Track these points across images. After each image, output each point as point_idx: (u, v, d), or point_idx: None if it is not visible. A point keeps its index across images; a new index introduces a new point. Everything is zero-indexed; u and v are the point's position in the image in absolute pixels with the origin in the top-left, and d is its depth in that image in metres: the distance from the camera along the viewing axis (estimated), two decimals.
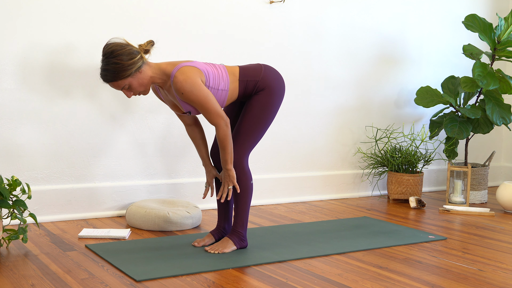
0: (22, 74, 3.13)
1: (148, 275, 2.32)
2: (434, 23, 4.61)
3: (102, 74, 2.53)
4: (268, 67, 2.76)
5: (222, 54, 3.69)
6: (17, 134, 3.14)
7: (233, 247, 2.72)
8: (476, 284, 2.37)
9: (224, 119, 2.56)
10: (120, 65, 2.48)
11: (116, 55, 2.48)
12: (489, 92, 4.11)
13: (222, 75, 2.65)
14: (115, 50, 2.49)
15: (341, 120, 4.24)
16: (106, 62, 2.51)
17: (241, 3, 3.74)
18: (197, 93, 2.52)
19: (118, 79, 2.51)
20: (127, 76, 2.51)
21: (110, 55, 2.49)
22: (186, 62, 2.60)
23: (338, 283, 2.32)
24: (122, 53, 2.49)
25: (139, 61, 2.52)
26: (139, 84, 2.56)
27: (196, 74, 2.54)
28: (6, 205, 2.52)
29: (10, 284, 2.20)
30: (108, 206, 3.40)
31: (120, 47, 2.50)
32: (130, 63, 2.49)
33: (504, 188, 3.91)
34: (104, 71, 2.51)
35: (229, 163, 2.62)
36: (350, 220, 3.48)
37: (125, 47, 2.51)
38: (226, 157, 2.61)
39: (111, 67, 2.49)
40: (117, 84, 2.53)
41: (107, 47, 2.52)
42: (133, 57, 2.51)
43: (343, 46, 4.18)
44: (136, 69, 2.51)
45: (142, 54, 2.55)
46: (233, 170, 2.63)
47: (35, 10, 3.12)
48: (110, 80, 2.52)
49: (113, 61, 2.48)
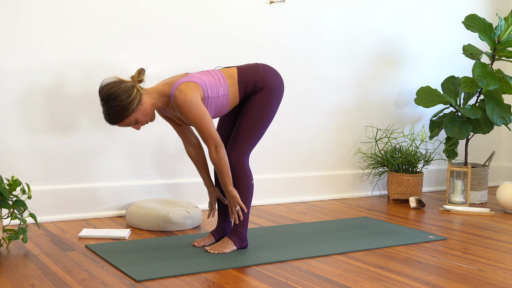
0: (22, 74, 3.13)
1: (148, 275, 2.32)
2: (434, 23, 4.61)
3: (107, 118, 2.54)
4: (266, 66, 2.75)
5: (222, 54, 3.69)
6: (17, 134, 3.14)
7: (233, 247, 2.72)
8: (476, 284, 2.37)
9: (215, 143, 2.54)
10: (121, 106, 2.49)
11: (114, 97, 2.48)
12: (489, 92, 4.11)
13: (219, 81, 2.63)
14: (112, 93, 2.49)
15: (341, 120, 4.24)
16: (106, 106, 2.51)
17: (241, 3, 3.74)
18: (194, 113, 2.51)
19: (123, 119, 2.53)
20: (130, 113, 2.52)
21: (108, 99, 2.49)
22: (182, 77, 2.58)
23: (338, 283, 2.32)
24: (119, 93, 2.48)
25: (137, 95, 2.52)
26: (144, 115, 2.57)
27: (194, 91, 2.53)
28: (6, 205, 2.52)
29: (10, 284, 2.20)
30: (108, 206, 3.40)
31: (115, 88, 2.49)
32: (129, 101, 2.49)
33: (504, 188, 3.91)
34: (108, 115, 2.53)
35: (228, 185, 2.61)
36: (350, 220, 3.48)
37: (120, 86, 2.50)
38: (224, 179, 2.60)
39: (113, 110, 2.50)
40: (124, 123, 2.56)
41: (103, 91, 2.51)
42: (131, 93, 2.50)
43: (343, 46, 4.18)
44: (137, 104, 2.52)
45: (137, 86, 2.54)
46: (234, 191, 2.62)
47: (36, 9, 3.12)
48: (116, 122, 2.54)
49: (113, 104, 2.49)
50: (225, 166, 2.58)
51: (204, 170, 2.82)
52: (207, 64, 3.64)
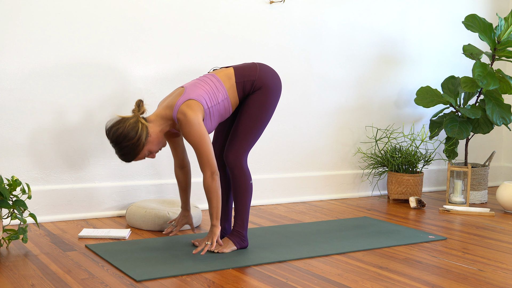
0: (22, 74, 3.13)
1: (148, 275, 2.32)
2: (434, 23, 4.61)
3: (122, 158, 2.58)
4: (263, 66, 2.75)
5: (222, 54, 3.69)
6: (17, 134, 3.14)
7: (233, 247, 2.72)
8: (476, 284, 2.37)
9: (211, 169, 2.52)
10: (131, 144, 2.51)
11: (123, 138, 2.51)
12: (489, 92, 4.11)
13: (216, 87, 2.62)
14: (119, 135, 2.51)
15: (341, 120, 4.24)
16: (118, 148, 2.55)
17: (241, 3, 3.74)
18: (194, 133, 2.51)
19: (137, 155, 2.56)
20: (142, 148, 2.54)
21: (118, 141, 2.53)
22: (180, 96, 2.58)
23: (338, 283, 2.32)
24: (127, 133, 2.51)
25: (143, 128, 2.54)
26: (155, 144, 2.60)
27: (195, 110, 2.53)
28: (6, 205, 2.52)
29: (10, 284, 2.20)
30: (108, 206, 3.40)
31: (121, 128, 2.52)
32: (138, 137, 2.52)
33: (504, 188, 3.91)
34: (122, 156, 2.56)
35: (215, 219, 2.55)
36: (350, 220, 3.48)
37: (125, 125, 2.52)
38: (212, 211, 2.55)
39: (125, 150, 2.53)
40: (139, 158, 2.59)
41: (110, 134, 2.54)
42: (137, 129, 2.52)
43: (343, 46, 4.18)
44: (145, 137, 2.54)
45: (140, 120, 2.55)
46: (218, 227, 2.56)
47: (35, 9, 3.12)
48: (131, 160, 2.58)
49: (124, 145, 2.52)
50: (216, 195, 2.53)
51: (186, 193, 2.86)
52: (207, 64, 3.64)
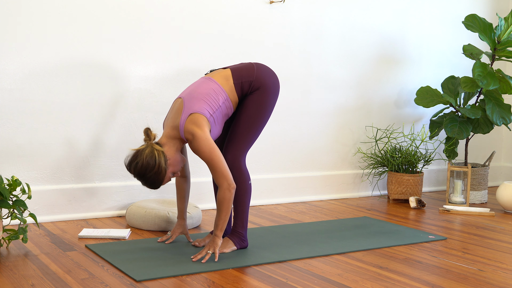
0: (22, 74, 3.13)
1: (148, 275, 2.32)
2: (434, 23, 4.61)
3: (150, 188, 2.62)
4: (260, 66, 2.74)
5: (222, 54, 3.69)
6: (17, 134, 3.14)
7: (233, 247, 2.72)
8: (476, 284, 2.37)
9: (227, 181, 2.52)
10: (154, 173, 2.54)
11: (145, 170, 2.53)
12: (489, 92, 4.11)
13: (215, 91, 2.62)
14: (140, 168, 2.54)
15: (341, 120, 4.24)
16: (144, 180, 2.57)
17: (241, 3, 3.74)
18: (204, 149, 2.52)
19: (162, 181, 2.59)
20: (165, 173, 2.57)
21: (140, 174, 2.55)
22: (180, 112, 2.58)
23: (338, 283, 2.32)
24: (147, 164, 2.52)
25: (160, 155, 2.55)
26: (175, 165, 2.62)
27: (201, 125, 2.54)
28: (6, 205, 2.52)
29: (10, 284, 2.20)
30: (108, 206, 3.40)
31: (140, 161, 2.53)
32: (158, 164, 2.53)
33: (504, 188, 3.91)
34: (150, 186, 2.59)
35: (220, 230, 2.57)
36: (350, 220, 3.48)
37: (142, 156, 2.54)
38: (218, 222, 2.56)
39: (151, 181, 2.56)
40: (165, 182, 2.61)
41: (131, 169, 2.56)
42: (155, 158, 2.54)
43: (343, 46, 4.18)
44: (165, 162, 2.56)
45: (155, 147, 2.56)
46: (220, 239, 2.58)
47: (36, 9, 3.12)
48: (159, 186, 2.62)
49: (148, 176, 2.54)
50: (227, 208, 2.55)
51: (183, 202, 2.86)
52: (207, 64, 3.64)
